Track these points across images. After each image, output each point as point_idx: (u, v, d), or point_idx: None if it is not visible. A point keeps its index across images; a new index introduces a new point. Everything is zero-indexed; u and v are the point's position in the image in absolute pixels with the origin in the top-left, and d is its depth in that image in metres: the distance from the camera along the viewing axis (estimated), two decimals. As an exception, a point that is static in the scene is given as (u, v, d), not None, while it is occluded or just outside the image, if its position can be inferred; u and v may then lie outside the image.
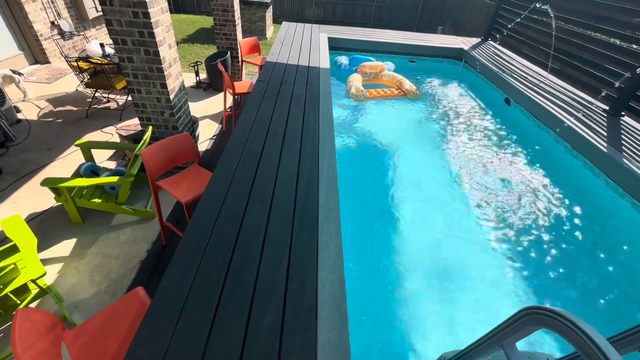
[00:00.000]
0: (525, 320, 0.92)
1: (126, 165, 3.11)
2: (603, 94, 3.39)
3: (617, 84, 3.22)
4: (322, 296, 1.37)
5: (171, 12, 11.03)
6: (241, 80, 5.58)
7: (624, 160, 2.55)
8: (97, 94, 4.85)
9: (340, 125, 3.68)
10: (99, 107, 4.70)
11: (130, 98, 4.69)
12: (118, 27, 2.63)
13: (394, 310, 2.02)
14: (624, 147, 2.72)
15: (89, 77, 4.51)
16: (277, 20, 10.78)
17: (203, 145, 4.09)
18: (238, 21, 5.45)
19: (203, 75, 5.88)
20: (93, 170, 2.96)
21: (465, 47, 5.22)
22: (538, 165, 3.21)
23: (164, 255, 2.57)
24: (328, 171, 2.14)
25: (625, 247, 2.42)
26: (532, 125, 3.55)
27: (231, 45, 5.54)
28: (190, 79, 5.79)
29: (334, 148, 2.42)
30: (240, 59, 5.45)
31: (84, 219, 2.83)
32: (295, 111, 2.84)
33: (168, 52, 2.95)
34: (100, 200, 2.72)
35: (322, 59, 4.11)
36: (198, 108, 4.93)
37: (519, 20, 4.81)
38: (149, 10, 2.55)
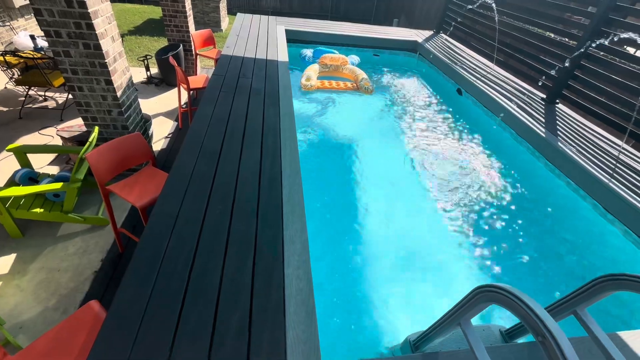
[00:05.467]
0: (478, 298, 0.98)
1: (71, 170, 2.85)
2: (540, 84, 3.69)
3: (551, 74, 3.52)
4: (289, 292, 1.37)
5: (114, 1, 10.19)
6: (196, 74, 5.33)
7: (559, 144, 2.81)
8: (31, 92, 4.37)
9: (302, 119, 3.66)
10: (34, 106, 4.24)
11: (70, 96, 4.29)
12: (49, 17, 2.38)
13: (362, 298, 2.08)
14: (559, 132, 2.99)
15: (19, 73, 4.05)
16: (232, 12, 10.40)
17: (158, 144, 3.87)
18: (190, 12, 5.18)
19: (154, 70, 5.53)
20: (31, 177, 2.68)
21: (419, 40, 5.41)
22: (489, 150, 3.44)
23: (121, 263, 2.42)
24: (291, 166, 2.13)
25: (564, 223, 2.68)
26: (481, 114, 3.79)
27: (183, 37, 5.25)
28: (140, 74, 5.42)
29: (296, 142, 2.40)
30: (194, 52, 5.19)
31: (24, 231, 2.56)
32: (254, 106, 2.77)
33: (111, 45, 2.73)
34: (42, 210, 2.47)
35: (281, 52, 4.04)
36: (150, 105, 4.64)
37: (466, 14, 5.06)
38: (86, 0, 2.33)
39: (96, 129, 2.71)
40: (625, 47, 3.05)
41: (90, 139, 2.56)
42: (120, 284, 1.30)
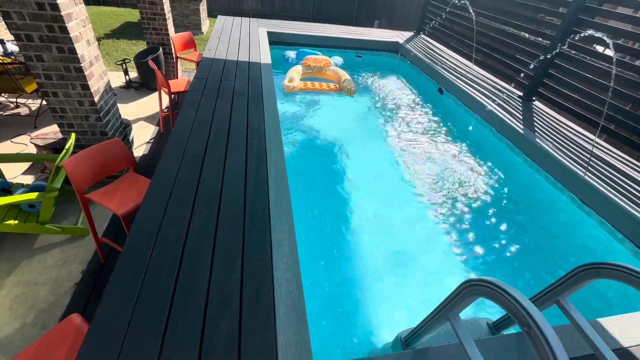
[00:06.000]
0: (466, 293, 1.00)
1: (47, 179, 2.74)
2: (517, 82, 3.81)
3: (527, 73, 3.65)
4: (279, 295, 1.35)
5: (89, 3, 9.89)
6: (177, 78, 5.23)
7: (537, 140, 2.91)
8: (2, 99, 4.18)
9: (287, 121, 3.64)
10: (5, 113, 4.06)
11: (44, 103, 4.13)
12: (19, 20, 2.28)
13: (352, 297, 2.09)
14: (536, 129, 3.10)
15: (-12, 79, 3.86)
16: (212, 14, 10.27)
17: (139, 150, 3.77)
18: (169, 15, 5.08)
19: (133, 74, 5.39)
20: (4, 187, 2.56)
21: (400, 41, 5.49)
22: (470, 148, 3.52)
23: (103, 274, 2.34)
24: (277, 168, 2.11)
25: (544, 216, 2.77)
26: (462, 112, 3.87)
27: (163, 40, 5.15)
28: (118, 79, 5.28)
29: (282, 144, 2.39)
30: (174, 56, 5.10)
31: (-2, 245, 2.44)
32: (238, 109, 2.74)
33: (87, 49, 2.64)
34: (17, 222, 2.36)
35: (263, 54, 4.01)
36: (130, 110, 4.52)
37: (445, 15, 5.18)
38: (58, 2, 2.25)
39: (73, 135, 2.62)
40: (594, 45, 3.18)
41: (66, 146, 2.47)
42: (102, 295, 1.26)
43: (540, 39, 3.64)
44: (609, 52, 2.82)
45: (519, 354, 1.27)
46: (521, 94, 3.74)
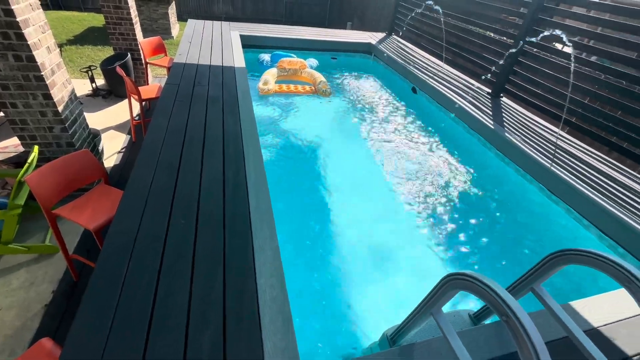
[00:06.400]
0: (446, 287, 1.03)
1: (8, 196, 2.57)
2: (485, 79, 3.97)
3: (494, 71, 3.80)
4: (263, 302, 1.33)
5: (48, 8, 9.40)
6: (147, 84, 5.06)
7: (506, 134, 3.04)
8: (-46, 112, 3.88)
9: (264, 125, 3.61)
10: (-42, 127, 3.78)
11: (2, 114, 3.87)
12: (-30, 27, 2.13)
13: (338, 298, 2.09)
14: (505, 124, 3.24)
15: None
16: (182, 18, 10.03)
17: (110, 160, 3.61)
18: (136, 19, 4.91)
19: (100, 81, 5.17)
20: (-41, 206, 2.38)
21: (373, 42, 5.58)
22: (445, 144, 3.62)
23: (76, 293, 2.21)
24: (256, 173, 2.09)
25: (516, 207, 2.89)
26: (436, 110, 3.99)
27: (131, 46, 4.97)
28: (84, 87, 5.04)
29: (259, 148, 2.36)
30: (143, 61, 4.93)
31: (-45, 269, 2.26)
32: (213, 114, 2.69)
33: (48, 56, 2.50)
34: (-25, 243, 2.20)
35: (237, 58, 3.96)
36: (99, 119, 4.33)
37: (414, 16, 5.32)
38: (13, 7, 2.12)
39: (35, 148, 2.47)
40: (554, 43, 3.37)
41: (29, 160, 2.33)
42: (75, 316, 1.19)
43: (504, 38, 3.81)
44: (568, 49, 2.99)
45: (500, 342, 1.31)
46: (490, 91, 3.90)
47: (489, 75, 3.92)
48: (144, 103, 3.72)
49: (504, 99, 3.79)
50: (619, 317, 1.46)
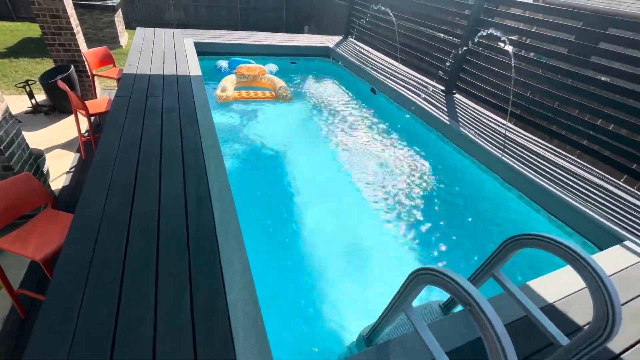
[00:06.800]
0: (414, 283, 1.06)
1: None
2: (438, 78, 4.18)
3: (446, 69, 4.02)
4: (235, 318, 1.29)
5: (-26, 19, 8.52)
6: (95, 97, 4.74)
7: (461, 129, 3.21)
8: None
9: (226, 133, 3.52)
10: None
11: None
12: None
13: (314, 303, 2.08)
14: (459, 119, 3.42)
15: None
16: (131, 26, 9.54)
17: (58, 181, 3.33)
18: (77, 29, 4.58)
19: (41, 97, 4.76)
20: None
21: (331, 45, 5.67)
22: (405, 141, 3.75)
23: (25, 332, 2.01)
24: (219, 184, 2.02)
25: (474, 196, 3.06)
26: (395, 109, 4.12)
27: (74, 57, 4.63)
28: (22, 103, 4.62)
29: (222, 158, 2.30)
30: (89, 74, 4.61)
31: None
32: (169, 126, 2.57)
33: (-27, 72, 2.25)
34: None
35: (192, 66, 3.83)
36: (42, 137, 3.98)
37: (368, 19, 5.48)
38: None
39: (-34, 175, 2.21)
40: (499, 43, 3.62)
41: (-42, 189, 2.07)
42: (23, 357, 1.08)
43: (452, 38, 4.04)
44: (508, 48, 3.23)
45: (468, 329, 1.37)
46: (443, 88, 4.10)
47: (442, 73, 4.13)
48: (93, 118, 3.48)
49: (456, 95, 4.01)
50: (569, 292, 1.59)
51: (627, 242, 1.99)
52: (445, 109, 3.62)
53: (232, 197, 1.93)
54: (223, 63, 4.79)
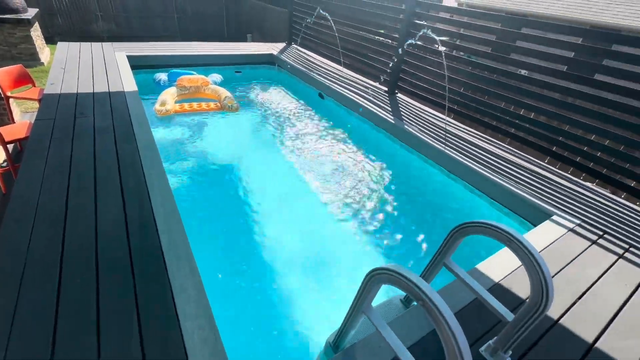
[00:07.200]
0: (370, 284, 1.07)
1: None
2: (382, 80, 4.36)
3: (387, 71, 4.20)
4: (192, 347, 1.21)
5: None
6: (13, 122, 4.21)
7: (405, 126, 3.38)
8: None
9: (169, 150, 3.32)
10: None
11: None
12: None
13: (279, 317, 2.03)
14: (403, 117, 3.59)
15: None
16: (52, 40, 8.66)
17: (-28, 221, 2.88)
18: (-17, 45, 4.04)
19: (-58, 125, 4.10)
20: None
21: (275, 52, 5.65)
22: (356, 143, 3.84)
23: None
24: (165, 205, 1.89)
25: (424, 189, 3.22)
26: (343, 112, 4.22)
27: (-19, 78, 4.06)
28: None
29: (166, 177, 2.16)
30: (3, 96, 4.08)
31: None
32: (103, 146, 2.36)
33: None
34: None
35: (126, 81, 3.57)
36: (-54, 172, 3.42)
37: (309, 25, 5.56)
38: None
39: None
40: (431, 44, 3.86)
41: None
42: None
43: (390, 41, 4.24)
44: (441, 48, 3.47)
45: (427, 320, 1.42)
46: (386, 89, 4.29)
47: (384, 75, 4.32)
48: (12, 145, 3.08)
49: (399, 95, 4.21)
50: (512, 269, 1.73)
51: (554, 217, 2.22)
52: (390, 109, 3.79)
53: (180, 218, 1.82)
54: (162, 76, 4.54)
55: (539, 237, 2.04)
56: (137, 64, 4.50)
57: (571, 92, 2.74)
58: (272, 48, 5.92)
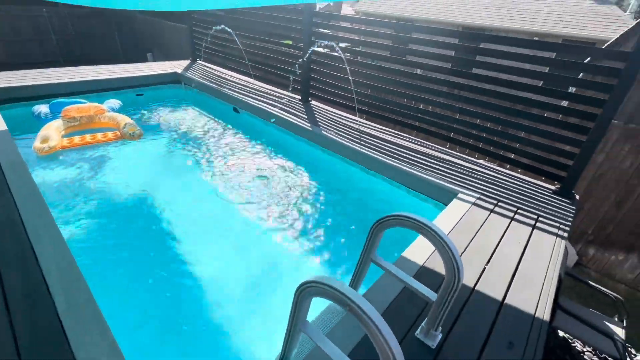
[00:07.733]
0: (300, 299, 1.04)
1: None
2: (294, 89, 4.43)
3: (298, 80, 4.29)
4: None
5: None
6: None
7: (323, 132, 3.48)
8: None
9: (63, 193, 2.84)
10: None
11: None
12: None
13: (220, 349, 1.88)
14: (319, 123, 3.70)
15: None
16: None
17: None
18: None
19: None
20: None
21: (179, 70, 5.32)
22: (279, 153, 3.81)
23: None
24: (59, 263, 1.60)
25: (349, 189, 3.35)
26: (260, 124, 4.16)
27: None
28: None
29: (57, 228, 1.83)
30: None
31: None
32: (-37, 206, 1.90)
33: None
34: None
35: (-10, 120, 2.95)
36: None
37: (211, 39, 5.38)
38: None
39: None
40: (338, 50, 4.03)
41: None
42: None
43: (296, 51, 4.34)
44: (341, 55, 3.67)
45: (366, 317, 1.46)
46: (300, 97, 4.37)
47: (295, 84, 4.39)
48: None
49: (312, 102, 4.33)
50: (430, 252, 1.89)
51: (460, 195, 2.51)
52: (306, 116, 3.86)
53: (81, 276, 1.55)
54: (42, 108, 3.87)
55: (450, 214, 2.28)
56: (8, 97, 3.78)
57: (456, 85, 3.14)
58: (176, 66, 5.56)
